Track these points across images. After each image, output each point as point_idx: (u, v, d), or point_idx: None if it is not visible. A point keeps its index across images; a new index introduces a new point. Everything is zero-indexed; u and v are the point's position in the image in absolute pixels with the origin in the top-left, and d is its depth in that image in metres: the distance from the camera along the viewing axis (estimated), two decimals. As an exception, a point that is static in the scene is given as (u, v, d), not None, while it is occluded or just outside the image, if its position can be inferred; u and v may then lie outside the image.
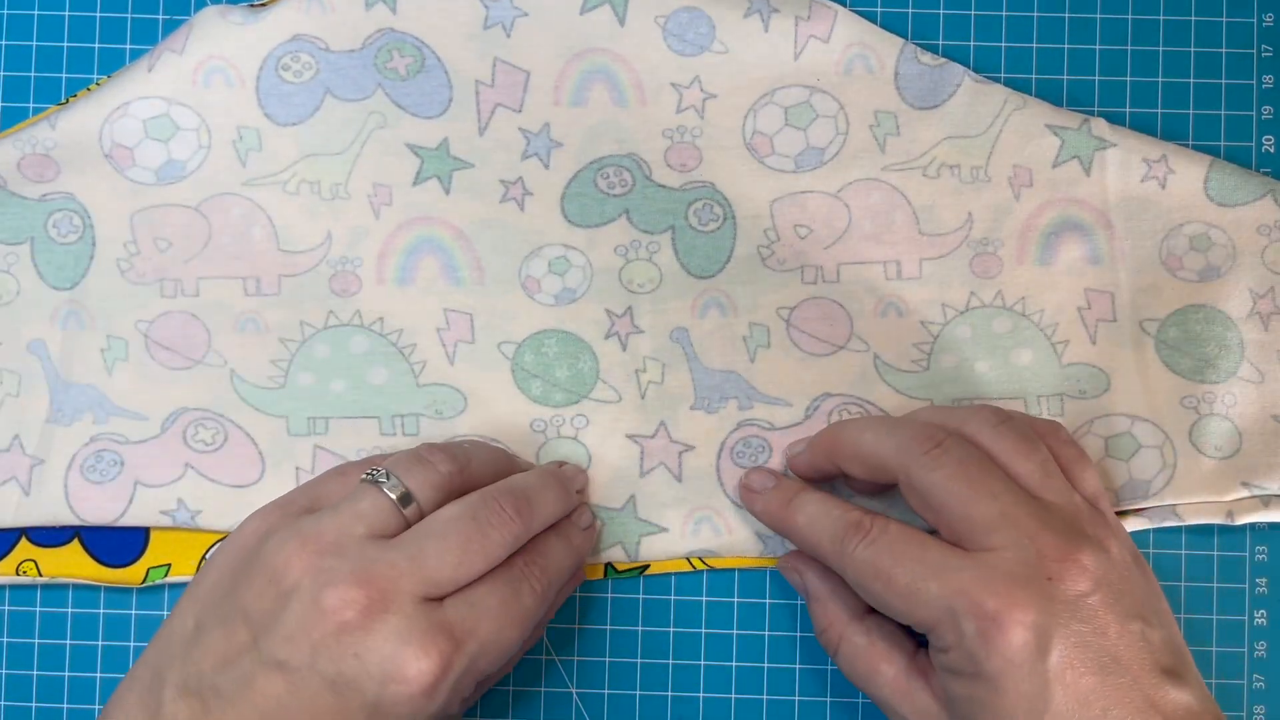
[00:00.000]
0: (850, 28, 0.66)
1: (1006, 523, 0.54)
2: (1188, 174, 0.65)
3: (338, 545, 0.54)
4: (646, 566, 0.66)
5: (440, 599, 0.55)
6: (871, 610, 0.61)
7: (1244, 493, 0.64)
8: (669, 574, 0.67)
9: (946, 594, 0.54)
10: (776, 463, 0.65)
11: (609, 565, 0.66)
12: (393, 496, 0.56)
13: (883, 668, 0.59)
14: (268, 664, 0.53)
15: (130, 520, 0.65)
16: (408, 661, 0.52)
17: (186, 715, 0.53)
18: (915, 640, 0.60)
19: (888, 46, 0.66)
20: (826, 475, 0.63)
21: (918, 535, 0.56)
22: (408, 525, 0.56)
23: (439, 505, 0.57)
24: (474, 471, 0.60)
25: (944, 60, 0.66)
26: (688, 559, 0.66)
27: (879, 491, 0.64)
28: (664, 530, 0.66)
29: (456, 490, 0.58)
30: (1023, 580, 0.53)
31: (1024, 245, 0.66)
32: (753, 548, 0.65)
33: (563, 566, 0.61)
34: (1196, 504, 0.65)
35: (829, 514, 0.59)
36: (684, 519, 0.66)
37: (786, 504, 0.62)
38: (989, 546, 0.54)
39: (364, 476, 0.57)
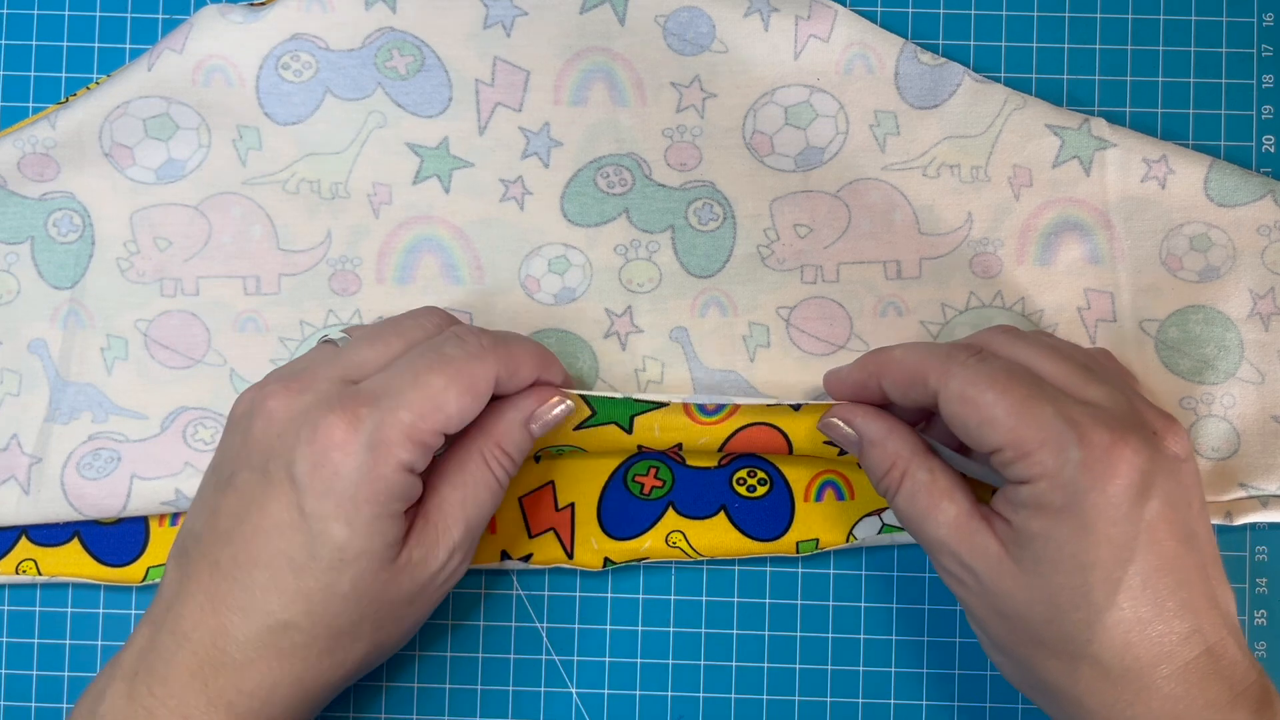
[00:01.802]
0: (850, 27, 0.66)
1: (1098, 380, 0.54)
2: (1188, 174, 0.65)
3: (281, 374, 0.57)
4: (644, 559, 0.65)
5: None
6: (932, 451, 0.59)
7: (1242, 493, 0.64)
8: (669, 573, 0.67)
9: (1062, 415, 0.52)
10: (776, 462, 0.65)
11: (606, 558, 0.65)
12: (337, 343, 0.59)
13: (945, 505, 0.56)
14: (221, 487, 0.55)
15: (131, 511, 0.65)
16: (316, 423, 0.53)
17: (175, 570, 0.56)
18: (973, 490, 0.58)
19: (888, 46, 0.66)
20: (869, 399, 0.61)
21: (1029, 369, 0.55)
22: None
23: None
24: None
25: (944, 60, 0.66)
26: (683, 540, 0.65)
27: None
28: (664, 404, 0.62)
29: None
30: (1132, 425, 0.53)
31: (1024, 245, 0.66)
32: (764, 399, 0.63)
33: (514, 340, 0.59)
34: (1196, 504, 0.65)
35: (926, 345, 0.58)
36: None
37: (877, 352, 0.60)
38: (1092, 399, 0.54)
39: (321, 339, 0.60)
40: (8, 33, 0.69)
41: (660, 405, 0.61)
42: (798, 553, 0.65)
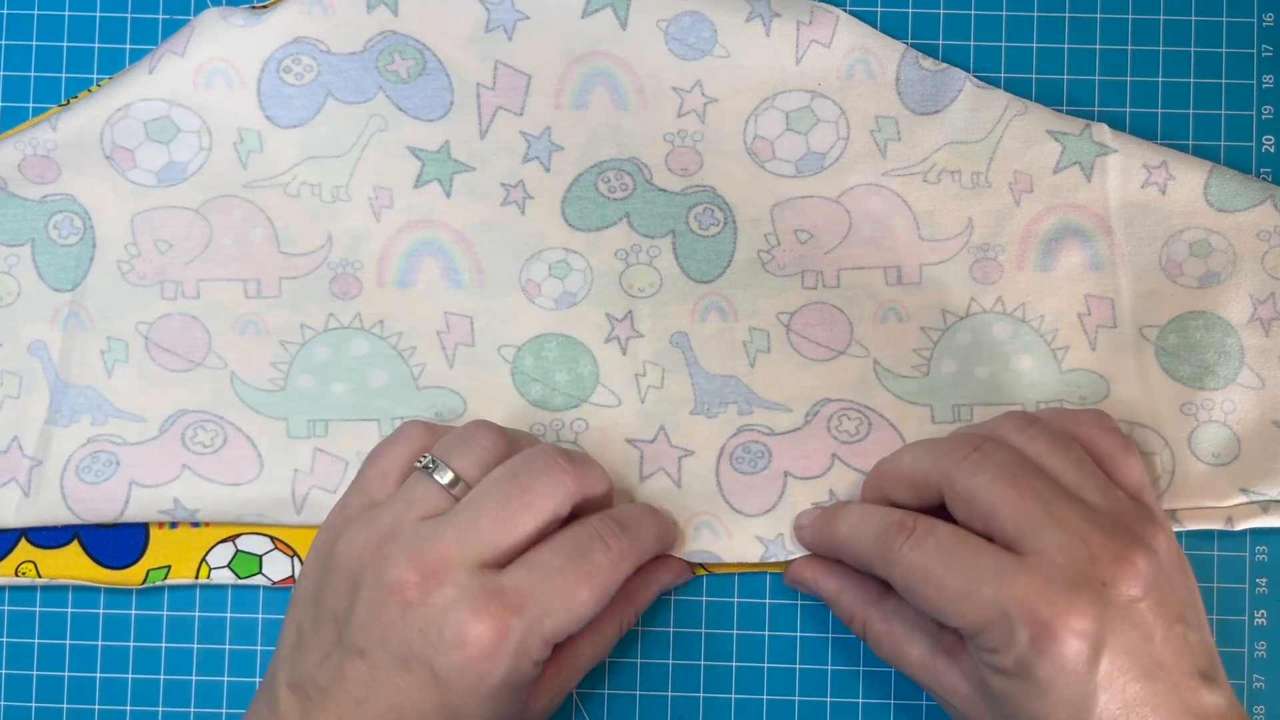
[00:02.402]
0: (852, 33, 0.66)
1: (1056, 523, 0.54)
2: (1188, 180, 0.65)
3: (393, 532, 0.57)
4: None
5: (500, 566, 0.56)
6: (889, 592, 0.61)
7: (1243, 498, 0.64)
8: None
9: (1001, 599, 0.53)
10: (775, 468, 0.65)
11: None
12: (442, 481, 0.58)
13: (907, 649, 0.60)
14: (351, 653, 0.55)
15: (129, 518, 0.65)
16: (464, 628, 0.54)
17: (295, 708, 0.56)
18: (934, 624, 0.60)
19: (889, 52, 0.66)
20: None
21: (969, 537, 0.56)
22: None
23: None
24: (521, 446, 0.61)
25: (945, 65, 0.66)
26: (688, 564, 0.66)
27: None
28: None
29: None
30: (1077, 586, 0.53)
31: (1024, 251, 0.66)
32: (753, 552, 0.65)
33: (642, 524, 0.61)
34: (1195, 510, 0.65)
35: (870, 519, 0.59)
36: (683, 524, 0.65)
37: (828, 520, 0.62)
38: (1041, 549, 0.54)
39: (416, 465, 0.59)
40: (8, 33, 0.69)
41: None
42: None
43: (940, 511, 0.58)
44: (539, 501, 0.57)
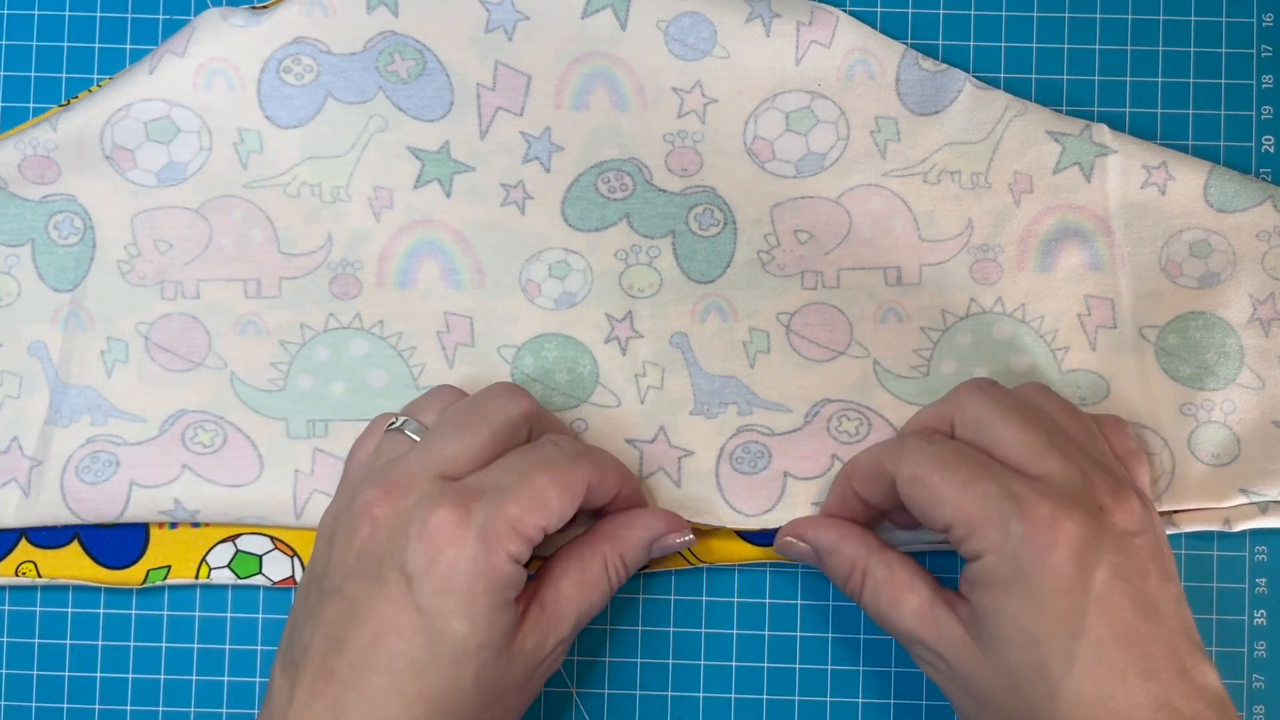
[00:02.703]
0: (852, 33, 0.66)
1: (1058, 452, 0.55)
2: (1187, 180, 0.65)
3: (364, 475, 0.58)
4: (645, 566, 0.66)
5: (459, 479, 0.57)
6: (887, 546, 0.61)
7: (1242, 499, 0.64)
8: (669, 574, 0.67)
9: (1004, 493, 0.53)
10: (775, 468, 0.65)
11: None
12: (409, 433, 0.59)
13: (907, 596, 0.58)
14: (327, 596, 0.56)
15: (129, 518, 0.65)
16: (426, 519, 0.54)
17: (283, 682, 0.55)
18: (933, 575, 0.59)
19: (889, 52, 0.66)
20: (862, 518, 0.63)
21: (982, 449, 0.57)
22: None
23: None
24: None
25: (945, 66, 0.66)
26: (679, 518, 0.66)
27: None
28: None
29: None
30: (1077, 501, 0.53)
31: (1024, 251, 0.66)
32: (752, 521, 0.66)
33: (595, 449, 0.61)
34: (1194, 510, 0.65)
35: (890, 439, 0.61)
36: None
37: (846, 464, 0.63)
38: (1042, 470, 0.55)
39: (385, 428, 0.60)
40: (8, 33, 0.69)
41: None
42: None
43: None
44: (494, 415, 0.58)
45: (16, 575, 0.65)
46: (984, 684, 0.55)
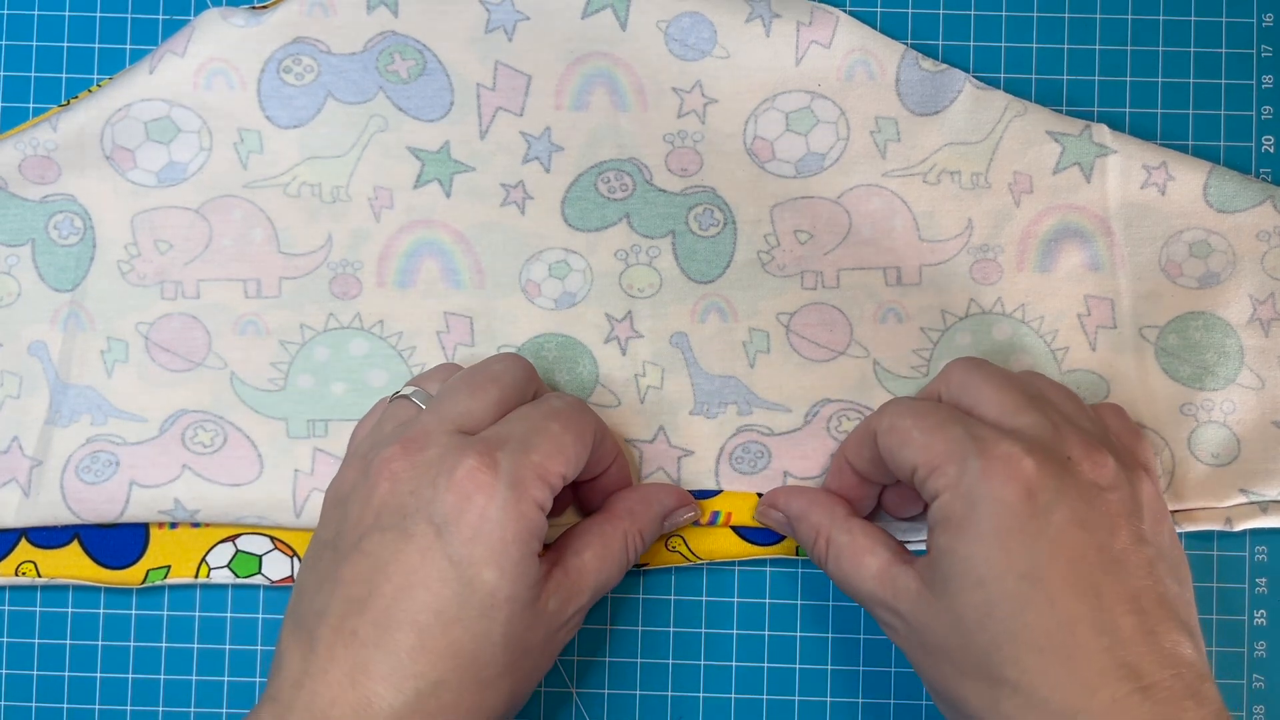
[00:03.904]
0: (852, 34, 0.66)
1: (1035, 408, 0.55)
2: (1187, 180, 0.65)
3: (375, 441, 0.58)
4: (644, 565, 0.66)
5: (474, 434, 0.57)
6: (854, 515, 0.61)
7: (1242, 499, 0.65)
8: (669, 573, 0.67)
9: (968, 435, 0.54)
10: (775, 468, 0.65)
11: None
12: (417, 401, 0.60)
13: (867, 560, 0.58)
14: (345, 555, 0.55)
15: (129, 518, 0.65)
16: (454, 468, 0.54)
17: (296, 648, 0.54)
18: (897, 541, 0.59)
19: (889, 52, 0.66)
20: (856, 491, 0.63)
21: (962, 406, 0.57)
22: None
23: None
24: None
25: (945, 66, 0.66)
26: (683, 545, 0.66)
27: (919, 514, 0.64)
28: None
29: None
30: (1041, 448, 0.53)
31: (1024, 252, 0.66)
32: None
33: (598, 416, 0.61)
34: (1195, 510, 0.65)
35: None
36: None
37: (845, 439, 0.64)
38: (1015, 425, 0.55)
39: (390, 398, 0.61)
40: (8, 33, 0.69)
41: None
42: (798, 554, 0.65)
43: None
44: (502, 376, 0.58)
45: (16, 575, 0.65)
46: (936, 633, 0.54)
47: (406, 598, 0.53)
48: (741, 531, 0.66)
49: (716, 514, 0.65)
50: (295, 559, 0.66)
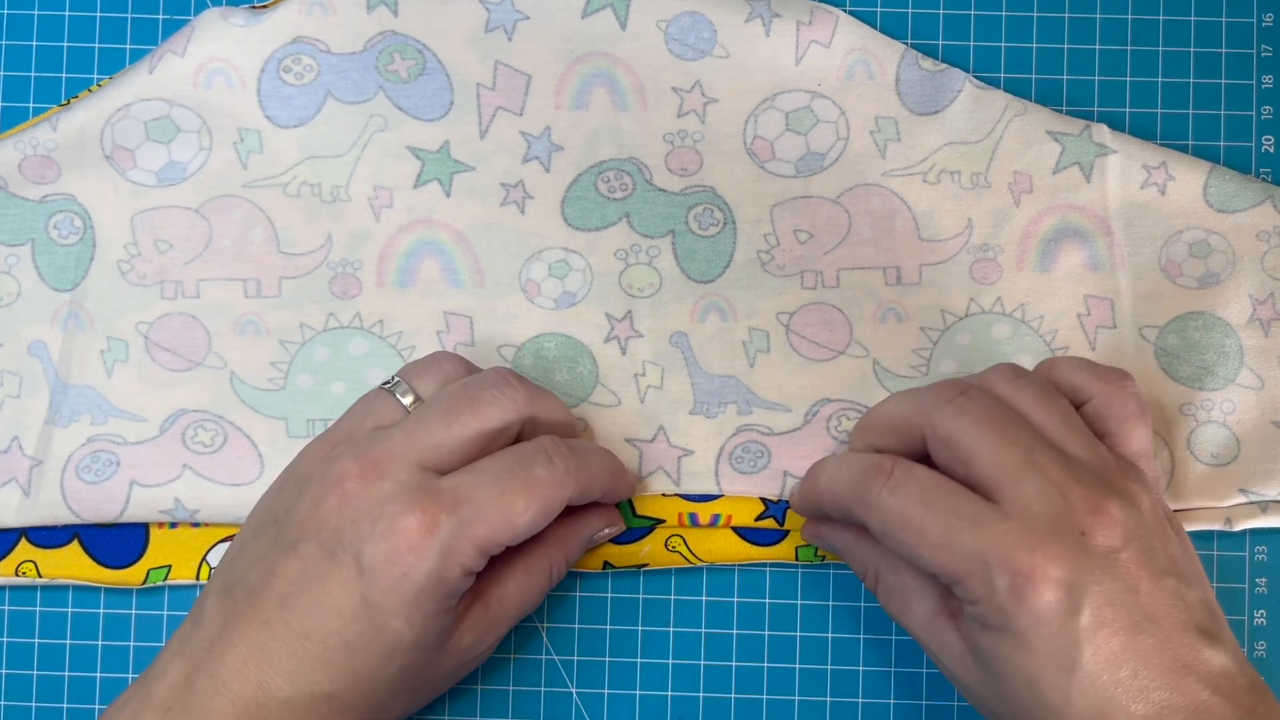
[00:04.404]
0: (852, 33, 0.66)
1: (1035, 470, 0.54)
2: (1187, 180, 0.65)
3: (348, 436, 0.58)
4: (645, 565, 0.66)
5: (443, 472, 0.57)
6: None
7: (1242, 499, 0.64)
8: (669, 573, 0.67)
9: (980, 546, 0.53)
10: (774, 468, 0.65)
11: (606, 561, 0.66)
12: (403, 401, 0.59)
13: (913, 604, 0.59)
14: (284, 549, 0.56)
15: (130, 518, 0.65)
16: (395, 518, 0.54)
17: (221, 615, 0.56)
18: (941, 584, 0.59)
19: (889, 52, 0.66)
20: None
21: (947, 483, 0.56)
22: None
23: None
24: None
25: (945, 66, 0.66)
26: (683, 545, 0.66)
27: None
28: (661, 521, 0.66)
29: None
30: (1055, 534, 0.53)
31: (1024, 251, 0.66)
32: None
33: (592, 456, 0.61)
34: (1194, 510, 0.65)
35: (848, 464, 0.59)
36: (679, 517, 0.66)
37: (809, 474, 0.62)
38: (1018, 496, 0.54)
39: (382, 386, 0.60)
40: (8, 33, 0.69)
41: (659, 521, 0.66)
42: (797, 559, 0.65)
43: (925, 461, 0.58)
44: (485, 410, 0.57)
45: (16, 575, 0.65)
46: (985, 698, 0.56)
47: (320, 616, 0.55)
48: (742, 532, 0.66)
49: (716, 516, 0.65)
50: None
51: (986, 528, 0.53)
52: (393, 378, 0.60)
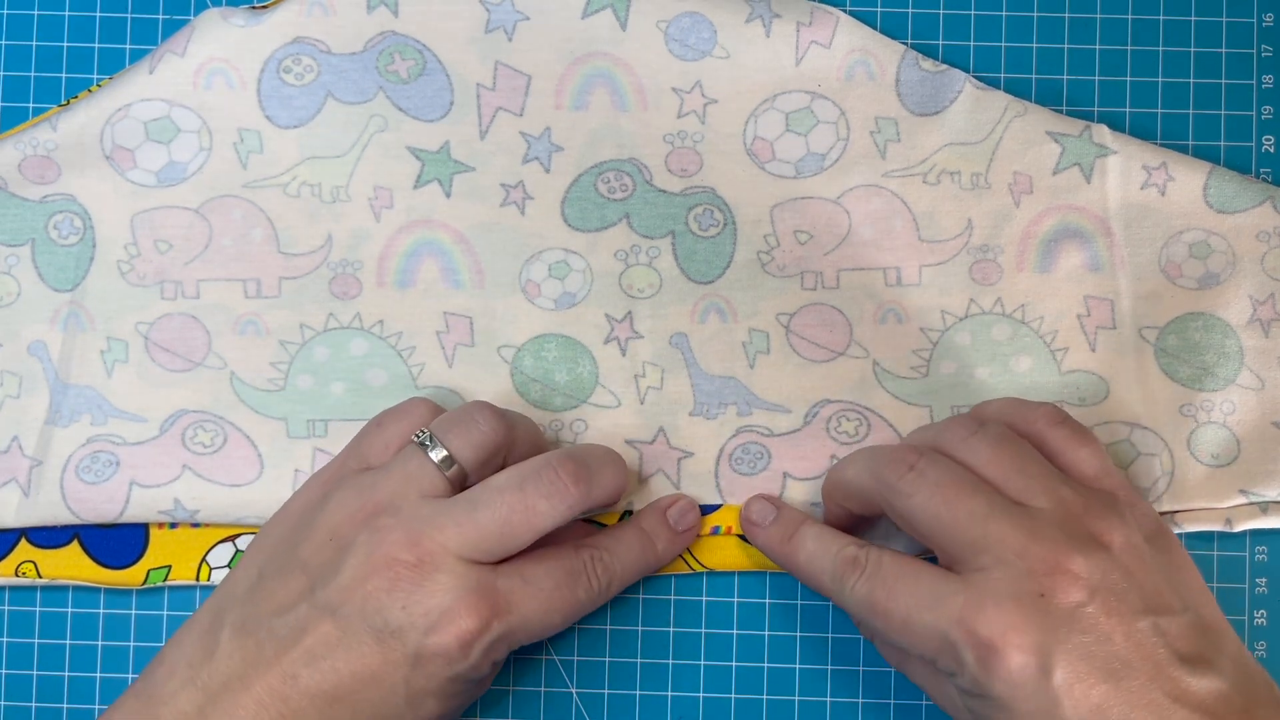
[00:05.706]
0: (852, 34, 0.66)
1: (991, 541, 0.54)
2: (1187, 181, 0.65)
3: (391, 504, 0.57)
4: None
5: (494, 564, 0.57)
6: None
7: (1242, 499, 0.64)
8: (669, 574, 0.67)
9: (942, 624, 0.54)
10: (774, 469, 0.65)
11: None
12: (435, 460, 0.58)
13: (908, 663, 0.60)
14: (321, 610, 0.56)
15: (129, 518, 0.65)
16: (451, 617, 0.55)
17: (240, 654, 0.56)
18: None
19: (889, 53, 0.66)
20: (851, 518, 0.63)
21: (911, 564, 0.56)
22: (451, 485, 0.58)
23: (481, 464, 0.59)
24: (519, 435, 0.61)
25: (945, 67, 0.66)
26: (688, 565, 0.66)
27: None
28: None
29: (501, 448, 0.60)
30: (1014, 601, 0.53)
31: (1024, 252, 0.66)
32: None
33: (629, 569, 0.63)
34: (1195, 511, 0.65)
35: (827, 551, 0.60)
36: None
37: (788, 540, 0.62)
38: (977, 567, 0.54)
39: (412, 439, 0.60)
40: (8, 33, 0.69)
41: None
42: None
43: None
44: (541, 522, 0.57)
45: (16, 575, 0.65)
46: None
47: (354, 684, 0.56)
48: (747, 540, 0.66)
49: (717, 528, 0.66)
50: (295, 559, 0.66)
51: (945, 604, 0.54)
52: (425, 431, 0.59)
